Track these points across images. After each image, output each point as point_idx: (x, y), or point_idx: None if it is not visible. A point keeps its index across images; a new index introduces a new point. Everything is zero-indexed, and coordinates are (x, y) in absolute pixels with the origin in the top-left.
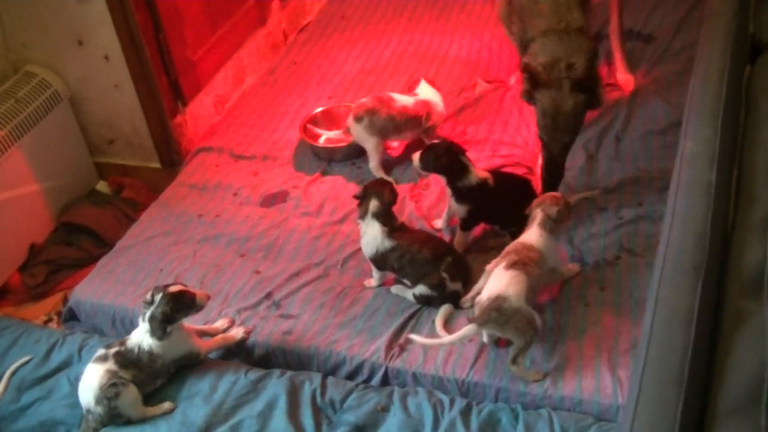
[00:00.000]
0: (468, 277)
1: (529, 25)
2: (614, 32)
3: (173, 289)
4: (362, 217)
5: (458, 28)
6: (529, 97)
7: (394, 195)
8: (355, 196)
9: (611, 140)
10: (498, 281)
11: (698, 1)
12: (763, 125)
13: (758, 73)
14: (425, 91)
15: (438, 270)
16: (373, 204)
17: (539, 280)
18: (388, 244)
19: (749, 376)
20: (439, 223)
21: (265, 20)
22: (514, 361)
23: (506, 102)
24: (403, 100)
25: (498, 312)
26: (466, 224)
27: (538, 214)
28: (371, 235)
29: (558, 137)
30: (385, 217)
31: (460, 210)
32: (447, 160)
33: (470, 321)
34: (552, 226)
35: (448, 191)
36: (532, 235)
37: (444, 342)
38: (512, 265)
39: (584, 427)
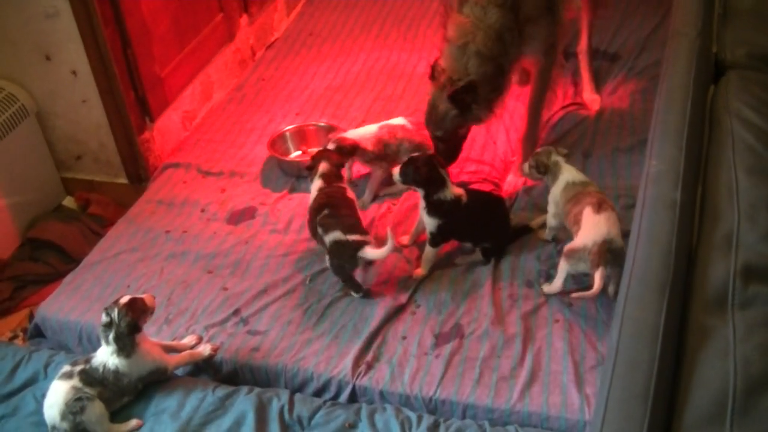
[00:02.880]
0: (346, 228)
1: (446, 26)
2: (583, 52)
3: (123, 300)
4: (312, 179)
5: (426, 44)
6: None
7: (341, 157)
8: (307, 167)
9: (579, 157)
10: (596, 225)
11: (662, 20)
12: (727, 144)
13: (721, 92)
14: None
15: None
16: (323, 165)
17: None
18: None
19: (714, 391)
20: (405, 239)
21: (233, 36)
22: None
23: None
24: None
25: (611, 253)
26: (435, 239)
27: (557, 158)
28: (312, 191)
29: (429, 127)
30: (330, 178)
31: (431, 224)
32: (426, 171)
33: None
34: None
35: (421, 204)
36: (572, 171)
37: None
38: (600, 207)
39: None
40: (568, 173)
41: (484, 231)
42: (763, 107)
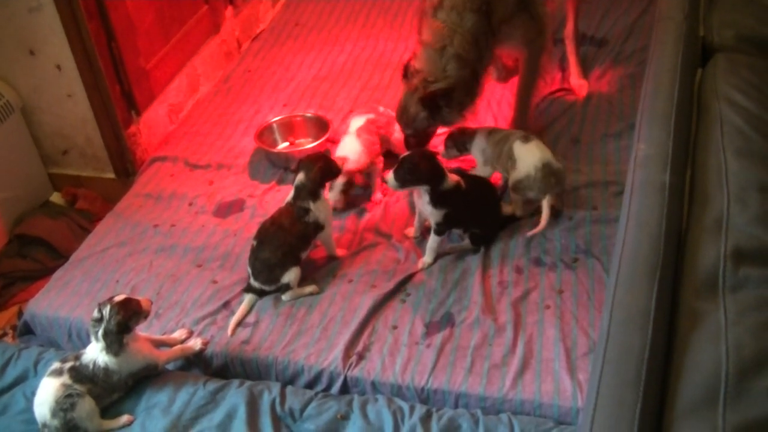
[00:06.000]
0: (262, 276)
1: (421, 31)
2: (569, 37)
3: (118, 298)
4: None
5: (412, 33)
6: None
7: (324, 173)
8: (291, 170)
9: (567, 143)
10: (530, 152)
11: (649, 5)
12: (715, 127)
13: (709, 75)
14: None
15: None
16: (299, 177)
17: None
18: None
19: (706, 376)
20: (412, 232)
21: (218, 28)
22: None
23: None
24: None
25: (553, 177)
26: (441, 228)
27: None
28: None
29: (399, 123)
30: (300, 192)
31: (437, 215)
32: (428, 167)
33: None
34: None
35: (424, 198)
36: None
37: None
38: (527, 139)
39: (544, 431)
40: (484, 129)
41: (479, 216)
42: (751, 90)
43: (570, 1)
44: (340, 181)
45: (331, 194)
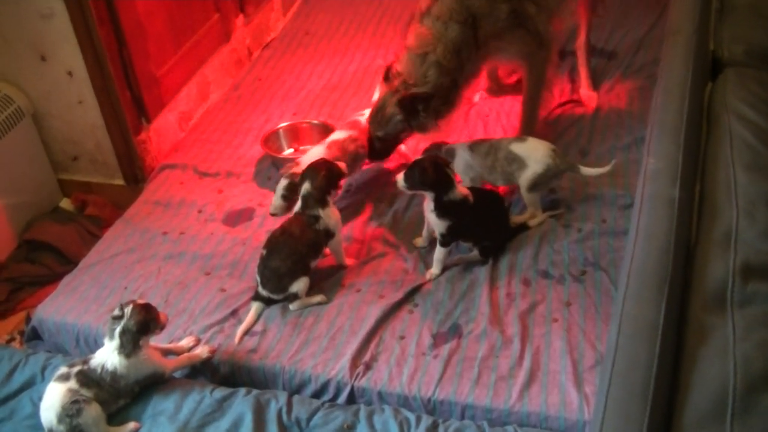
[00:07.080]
0: (271, 285)
1: (408, 35)
2: (581, 48)
3: (140, 300)
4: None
5: None
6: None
7: (329, 179)
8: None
9: (576, 155)
10: (535, 148)
11: (659, 19)
12: (725, 141)
13: (719, 89)
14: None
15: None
16: (305, 186)
17: None
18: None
19: (713, 390)
20: (420, 241)
21: (229, 36)
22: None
23: (471, 119)
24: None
25: (561, 154)
26: (446, 240)
27: (447, 146)
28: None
29: (371, 124)
30: (309, 201)
31: (440, 225)
32: (434, 173)
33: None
34: None
35: (429, 206)
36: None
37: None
38: (521, 138)
39: None
40: (463, 143)
41: (488, 229)
42: (761, 104)
43: (582, 13)
44: (281, 184)
45: (273, 200)
